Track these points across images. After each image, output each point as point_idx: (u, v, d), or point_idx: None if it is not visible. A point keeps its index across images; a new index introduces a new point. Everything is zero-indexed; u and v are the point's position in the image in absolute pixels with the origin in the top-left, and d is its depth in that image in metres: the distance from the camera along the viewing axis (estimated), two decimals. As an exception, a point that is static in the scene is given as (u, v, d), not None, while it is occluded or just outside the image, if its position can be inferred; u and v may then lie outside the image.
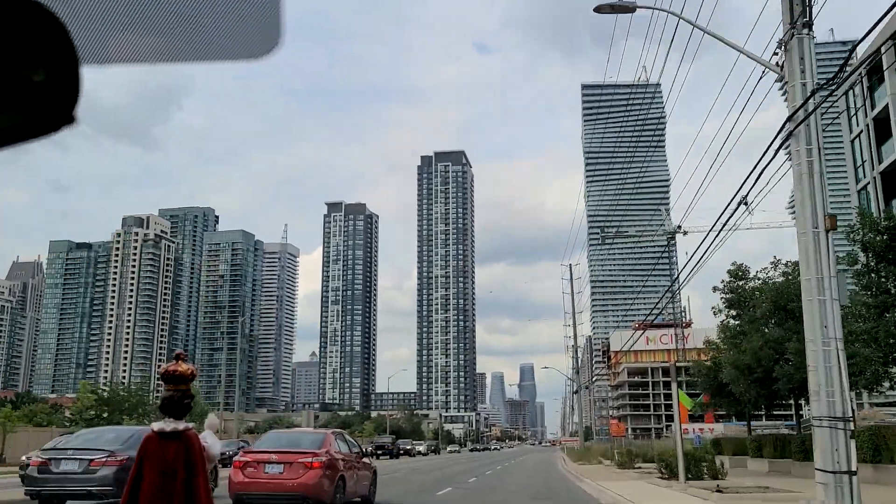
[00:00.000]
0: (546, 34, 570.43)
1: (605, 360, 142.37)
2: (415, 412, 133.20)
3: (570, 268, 46.21)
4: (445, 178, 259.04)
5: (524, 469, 35.39)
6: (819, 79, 10.98)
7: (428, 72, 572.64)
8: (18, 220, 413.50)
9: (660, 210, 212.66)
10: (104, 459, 13.17)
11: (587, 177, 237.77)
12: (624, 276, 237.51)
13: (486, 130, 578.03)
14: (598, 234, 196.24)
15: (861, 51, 40.46)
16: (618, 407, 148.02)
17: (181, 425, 2.70)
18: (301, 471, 13.06)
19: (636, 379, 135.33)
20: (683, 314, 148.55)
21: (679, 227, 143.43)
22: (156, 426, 2.75)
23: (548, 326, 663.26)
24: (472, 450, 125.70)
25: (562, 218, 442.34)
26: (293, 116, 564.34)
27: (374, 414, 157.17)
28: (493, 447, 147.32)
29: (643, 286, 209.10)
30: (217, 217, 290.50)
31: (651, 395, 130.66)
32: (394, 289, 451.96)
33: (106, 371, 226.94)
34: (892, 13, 8.68)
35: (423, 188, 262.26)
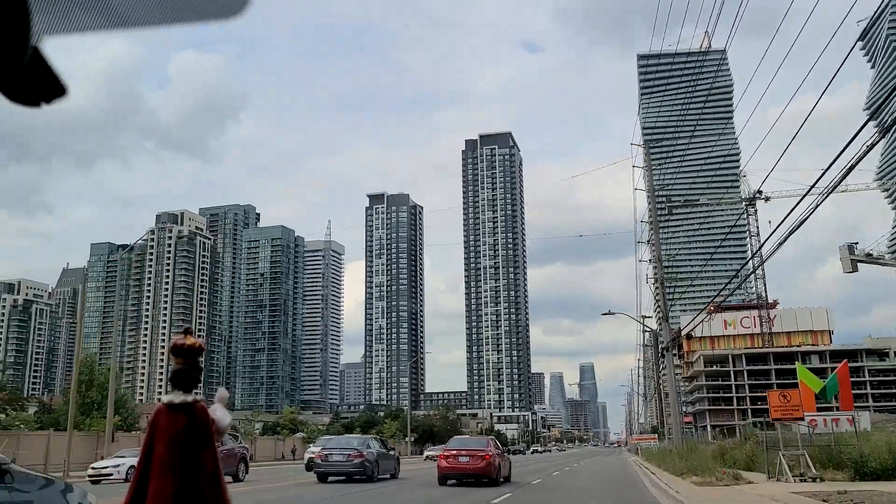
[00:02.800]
0: (597, 28, 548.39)
1: (676, 348, 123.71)
2: (451, 410, 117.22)
3: (647, 149, 30.67)
4: (492, 163, 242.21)
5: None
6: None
7: (476, 74, 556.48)
8: (85, 235, 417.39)
9: (729, 184, 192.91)
10: (356, 454, 24.12)
11: (647, 154, 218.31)
12: (691, 260, 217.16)
13: (537, 129, 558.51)
14: (661, 214, 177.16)
15: None
16: (692, 402, 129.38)
17: (190, 397, 2.37)
18: (479, 460, 21.80)
19: (714, 368, 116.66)
20: (765, 292, 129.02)
21: (759, 192, 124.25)
22: (165, 398, 2.40)
23: (609, 327, 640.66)
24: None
25: (620, 214, 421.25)
26: (344, 125, 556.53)
27: (421, 414, 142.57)
28: (531, 450, 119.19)
29: (714, 270, 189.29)
30: (258, 215, 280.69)
31: (734, 386, 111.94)
32: (446, 292, 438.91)
33: (143, 375, 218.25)
34: None
35: (469, 174, 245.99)
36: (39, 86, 0.61)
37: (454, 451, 22.40)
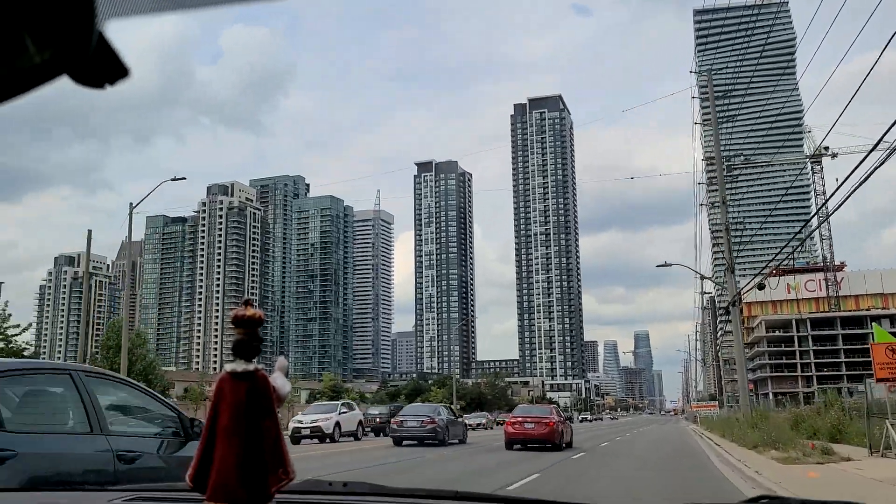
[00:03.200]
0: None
1: (734, 314, 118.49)
2: (499, 377, 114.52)
3: (710, 77, 26.65)
4: (541, 127, 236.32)
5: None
6: None
7: (526, 41, 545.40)
8: (143, 209, 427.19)
9: (792, 143, 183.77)
10: (428, 420, 26.17)
11: (704, 115, 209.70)
12: (751, 222, 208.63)
13: (588, 95, 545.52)
14: (717, 181, 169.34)
15: None
16: (752, 369, 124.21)
17: (251, 366, 2.61)
18: (543, 427, 23.17)
19: (777, 334, 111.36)
20: (832, 254, 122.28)
21: (826, 148, 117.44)
22: (228, 368, 2.63)
23: (664, 295, 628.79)
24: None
25: (673, 180, 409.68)
26: (393, 97, 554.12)
27: (469, 382, 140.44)
28: (580, 418, 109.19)
29: (774, 233, 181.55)
30: (308, 185, 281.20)
31: (797, 352, 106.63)
32: (498, 261, 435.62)
33: (198, 344, 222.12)
34: None
35: (518, 139, 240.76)
36: (104, 68, 0.63)
37: (520, 418, 24.13)
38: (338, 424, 30.43)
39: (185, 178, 28.00)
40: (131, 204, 27.75)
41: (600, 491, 12.04)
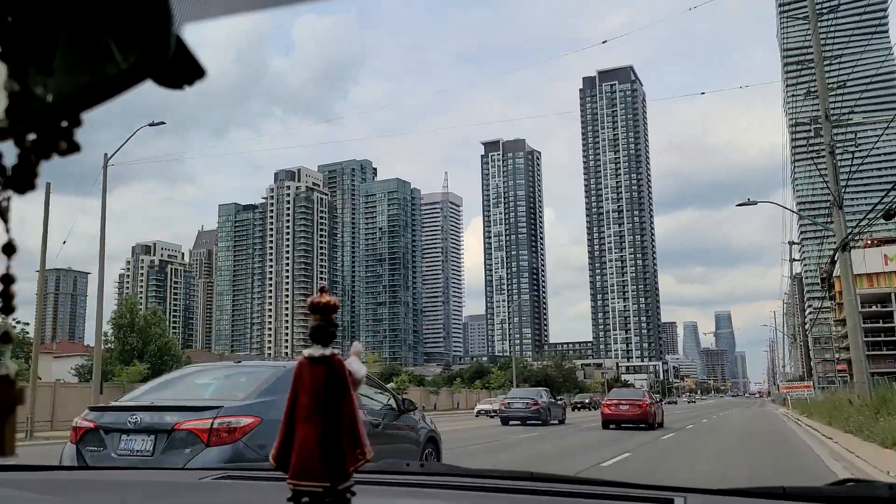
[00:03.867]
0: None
1: (827, 288, 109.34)
2: (567, 359, 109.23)
3: None
4: (612, 100, 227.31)
5: None
6: None
7: (597, 18, 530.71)
8: (219, 199, 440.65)
9: (885, 106, 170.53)
10: (532, 402, 29.27)
11: (787, 83, 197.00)
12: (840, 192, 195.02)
13: (663, 71, 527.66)
14: (805, 146, 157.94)
15: None
16: (846, 347, 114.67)
17: (328, 351, 2.61)
18: (636, 408, 25.11)
19: (873, 309, 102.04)
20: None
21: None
22: (306, 352, 2.64)
23: (746, 275, 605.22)
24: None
25: (754, 156, 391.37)
26: (462, 80, 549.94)
27: (535, 364, 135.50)
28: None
29: (866, 203, 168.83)
30: (375, 169, 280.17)
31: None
32: (572, 244, 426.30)
33: (270, 329, 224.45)
34: None
35: (587, 114, 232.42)
36: (182, 70, 0.59)
37: (615, 401, 26.24)
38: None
39: (164, 123, 24.48)
40: (106, 155, 24.59)
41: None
